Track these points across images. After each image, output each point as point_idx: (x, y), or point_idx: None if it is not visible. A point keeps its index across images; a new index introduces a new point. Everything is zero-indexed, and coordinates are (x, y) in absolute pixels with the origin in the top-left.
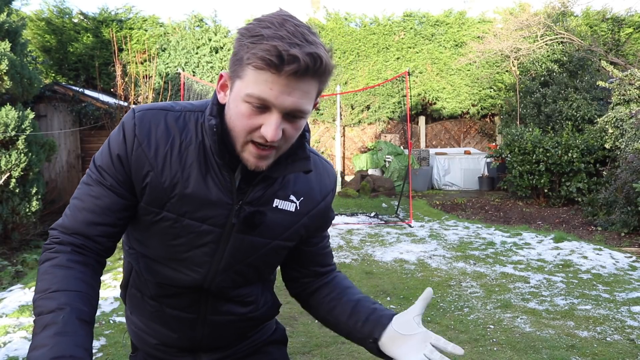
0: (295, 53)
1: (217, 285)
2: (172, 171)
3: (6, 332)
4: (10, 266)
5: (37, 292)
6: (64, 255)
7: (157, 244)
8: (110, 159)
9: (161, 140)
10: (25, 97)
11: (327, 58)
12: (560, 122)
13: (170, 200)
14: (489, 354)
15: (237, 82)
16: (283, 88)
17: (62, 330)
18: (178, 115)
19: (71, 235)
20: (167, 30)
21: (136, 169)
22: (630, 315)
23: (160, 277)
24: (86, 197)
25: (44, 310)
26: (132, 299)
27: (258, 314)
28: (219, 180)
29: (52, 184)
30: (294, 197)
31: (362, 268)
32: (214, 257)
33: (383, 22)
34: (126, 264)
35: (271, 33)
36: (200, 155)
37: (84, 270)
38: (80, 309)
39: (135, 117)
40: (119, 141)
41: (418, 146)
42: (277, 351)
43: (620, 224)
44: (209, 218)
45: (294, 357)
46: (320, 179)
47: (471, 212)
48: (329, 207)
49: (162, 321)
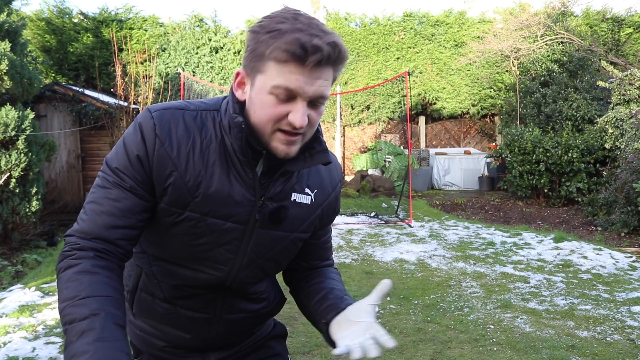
0: (317, 43)
1: (239, 281)
2: (196, 171)
3: (6, 332)
4: (10, 266)
5: (65, 301)
6: (87, 261)
7: (177, 245)
8: (127, 160)
9: (182, 140)
10: (25, 97)
11: (343, 45)
12: (560, 122)
13: (195, 199)
14: (489, 354)
15: (258, 76)
16: (307, 78)
17: (102, 336)
18: (195, 114)
19: (92, 240)
20: (167, 30)
21: (158, 170)
22: (630, 315)
23: (177, 279)
24: (104, 201)
25: (76, 317)
26: (141, 302)
27: (269, 309)
28: (242, 178)
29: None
30: (309, 190)
31: (362, 268)
32: (237, 254)
33: (383, 22)
34: (132, 268)
35: (289, 27)
36: (222, 153)
37: (109, 275)
38: (115, 313)
39: (153, 116)
40: (137, 141)
41: (418, 146)
42: (279, 345)
43: (620, 224)
44: (233, 215)
45: (294, 357)
46: (330, 171)
47: (471, 212)
48: (338, 198)
49: (174, 323)
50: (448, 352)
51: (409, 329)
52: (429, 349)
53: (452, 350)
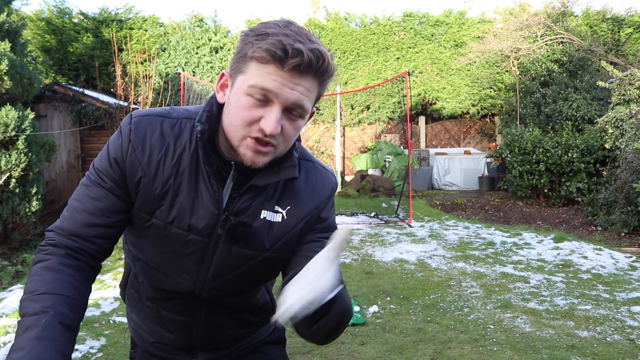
0: (299, 47)
1: (207, 292)
2: (164, 178)
3: (6, 332)
4: (10, 266)
5: (25, 293)
6: (56, 258)
7: (150, 249)
8: (108, 162)
9: (155, 147)
10: (25, 97)
11: (330, 59)
12: (560, 122)
13: (160, 207)
14: (489, 354)
15: (239, 77)
16: (286, 81)
17: (42, 335)
18: (175, 122)
19: (68, 237)
20: (167, 30)
21: (130, 174)
22: (630, 315)
23: (154, 281)
24: (85, 199)
25: (27, 312)
26: (131, 298)
27: (255, 318)
28: (208, 190)
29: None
30: (279, 207)
31: (362, 268)
32: (201, 267)
33: (383, 22)
34: (125, 264)
35: (276, 31)
36: (193, 163)
37: (74, 275)
38: (64, 313)
39: (131, 122)
40: (117, 145)
41: (418, 146)
42: (274, 351)
43: (620, 224)
44: (196, 227)
45: (294, 357)
46: (313, 187)
47: (471, 212)
48: (326, 212)
49: (158, 322)
50: (448, 352)
51: (409, 329)
52: (429, 349)
53: (452, 350)
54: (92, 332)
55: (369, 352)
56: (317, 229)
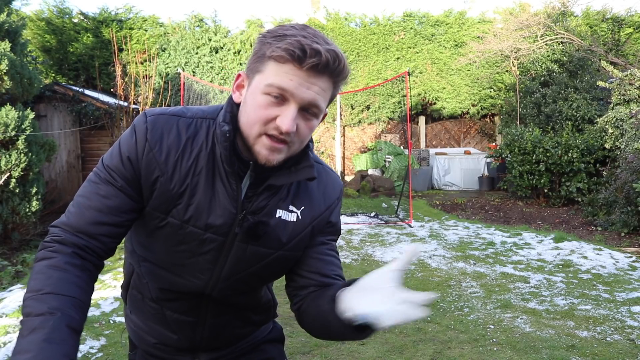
0: (317, 48)
1: (218, 292)
2: (182, 178)
3: (6, 332)
4: (10, 266)
5: (29, 291)
6: (62, 257)
7: (161, 249)
8: (120, 161)
9: (172, 147)
10: (25, 97)
11: (345, 61)
12: (560, 122)
13: (177, 206)
14: (489, 354)
15: (256, 76)
16: (303, 81)
17: (50, 337)
18: (190, 122)
19: (75, 234)
20: (167, 30)
21: (146, 174)
22: (630, 315)
23: (162, 282)
24: (94, 196)
25: (32, 311)
26: (133, 299)
27: (259, 318)
28: (226, 189)
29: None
30: (294, 207)
31: (362, 268)
32: (216, 265)
33: (383, 22)
34: (128, 265)
35: (294, 33)
36: (210, 162)
37: (80, 275)
38: (72, 316)
39: (147, 121)
40: (131, 144)
41: (418, 146)
42: (274, 349)
43: (620, 224)
44: (213, 226)
45: (294, 357)
46: (324, 189)
47: (471, 212)
48: (335, 216)
49: (162, 323)
50: (448, 352)
51: (409, 329)
52: (429, 349)
53: (452, 350)
54: (92, 332)
55: (369, 352)
56: (327, 232)
